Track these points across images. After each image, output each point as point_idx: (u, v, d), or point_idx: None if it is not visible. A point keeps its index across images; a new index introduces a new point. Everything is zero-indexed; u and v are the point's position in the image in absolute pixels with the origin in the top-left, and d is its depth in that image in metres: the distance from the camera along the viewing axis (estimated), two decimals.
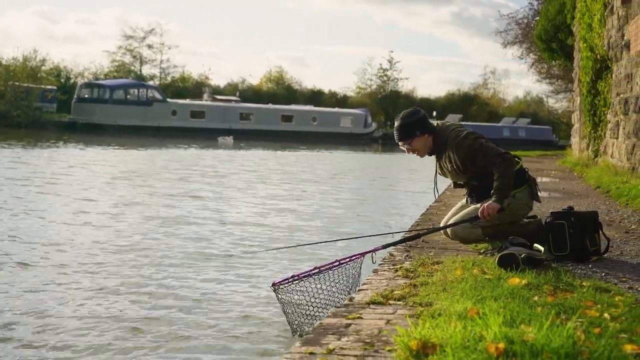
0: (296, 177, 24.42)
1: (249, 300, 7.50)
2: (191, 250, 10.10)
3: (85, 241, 10.47)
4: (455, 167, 6.35)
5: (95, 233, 11.21)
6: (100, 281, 8.11)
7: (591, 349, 2.92)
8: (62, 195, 15.85)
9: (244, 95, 75.80)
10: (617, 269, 5.27)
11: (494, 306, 3.69)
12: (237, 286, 8.11)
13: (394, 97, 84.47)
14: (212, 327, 6.52)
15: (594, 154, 18.52)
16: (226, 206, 15.39)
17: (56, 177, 19.57)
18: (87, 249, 9.88)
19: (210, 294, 7.75)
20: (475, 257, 5.53)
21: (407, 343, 3.04)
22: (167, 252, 9.85)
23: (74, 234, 11.07)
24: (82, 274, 8.42)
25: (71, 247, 10.05)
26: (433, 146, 6.49)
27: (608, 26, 15.57)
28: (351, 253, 5.79)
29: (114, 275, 8.42)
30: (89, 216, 12.87)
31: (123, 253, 9.67)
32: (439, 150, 6.47)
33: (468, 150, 6.24)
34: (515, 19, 42.37)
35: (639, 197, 9.52)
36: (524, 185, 6.32)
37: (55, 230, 11.35)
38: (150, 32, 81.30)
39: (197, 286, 8.08)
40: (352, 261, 5.51)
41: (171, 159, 30.51)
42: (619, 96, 14.09)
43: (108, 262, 9.08)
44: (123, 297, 7.51)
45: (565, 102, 55.48)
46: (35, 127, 55.83)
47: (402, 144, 6.51)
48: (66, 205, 14.22)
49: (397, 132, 6.51)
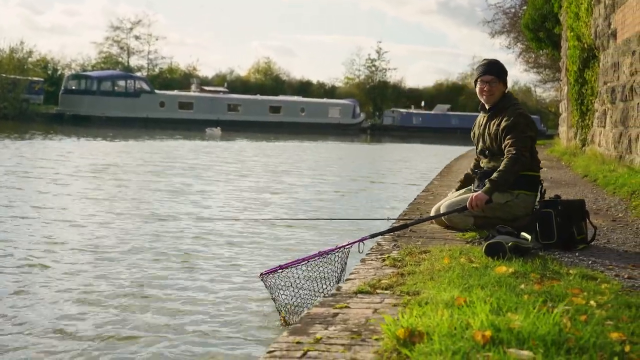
0: (278, 168, 24.35)
1: (234, 290, 7.49)
2: (169, 244, 9.95)
3: (38, 236, 10.19)
4: (497, 131, 6.37)
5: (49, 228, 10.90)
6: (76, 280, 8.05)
7: (577, 336, 2.93)
8: (25, 189, 15.25)
9: (232, 87, 75.73)
10: (604, 257, 5.29)
11: (481, 294, 3.69)
12: (220, 276, 8.08)
13: (382, 88, 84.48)
14: (197, 320, 6.49)
15: (582, 143, 18.57)
16: (206, 200, 15.22)
17: (26, 171, 19.06)
18: (44, 245, 9.62)
19: (194, 286, 7.71)
20: (462, 246, 5.53)
21: (394, 332, 3.05)
22: (139, 248, 9.63)
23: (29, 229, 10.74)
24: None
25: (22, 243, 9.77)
26: (497, 103, 6.53)
27: (595, 15, 15.59)
28: (341, 241, 5.80)
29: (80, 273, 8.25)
30: (49, 211, 12.39)
31: (86, 252, 9.35)
32: (498, 109, 6.50)
33: (515, 124, 6.27)
34: (502, 8, 42.41)
35: (625, 185, 9.55)
36: (532, 192, 6.32)
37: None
38: (137, 23, 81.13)
39: (179, 277, 8.05)
40: (339, 250, 5.52)
41: (152, 151, 30.12)
42: (606, 85, 14.13)
43: (72, 261, 8.83)
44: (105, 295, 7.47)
45: (553, 91, 55.73)
46: (23, 119, 55.67)
47: (487, 79, 6.49)
48: (26, 200, 13.67)
49: (489, 65, 6.58)
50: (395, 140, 59.30)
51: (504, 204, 6.24)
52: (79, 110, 58.30)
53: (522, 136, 6.25)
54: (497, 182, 6.12)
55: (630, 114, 11.70)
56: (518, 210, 6.27)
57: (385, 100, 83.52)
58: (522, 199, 6.27)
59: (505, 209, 6.25)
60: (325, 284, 5.41)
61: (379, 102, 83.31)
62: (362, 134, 68.80)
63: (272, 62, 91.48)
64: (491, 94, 6.52)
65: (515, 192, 6.26)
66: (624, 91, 12.27)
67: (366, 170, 25.63)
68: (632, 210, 7.94)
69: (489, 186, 6.12)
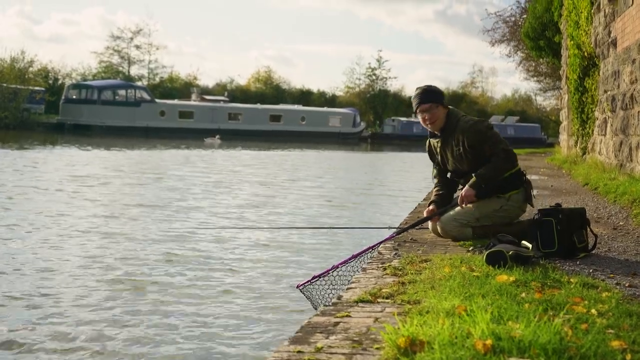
0: (278, 177, 24.32)
1: (235, 299, 7.49)
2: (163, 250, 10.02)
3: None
4: (461, 152, 6.33)
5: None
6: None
7: (578, 344, 2.93)
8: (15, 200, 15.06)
9: (232, 96, 75.74)
10: (605, 266, 5.28)
11: (482, 303, 3.69)
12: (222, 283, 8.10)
13: (383, 97, 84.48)
14: (197, 325, 6.50)
15: (582, 151, 18.57)
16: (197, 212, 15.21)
17: (18, 180, 18.88)
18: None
19: (193, 293, 7.73)
20: (463, 255, 5.53)
21: (395, 340, 3.04)
22: (132, 255, 9.72)
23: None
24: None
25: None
26: (444, 126, 6.46)
27: (595, 23, 15.62)
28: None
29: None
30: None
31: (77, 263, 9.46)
32: (448, 130, 6.43)
33: (479, 135, 6.26)
34: (502, 17, 42.51)
35: (626, 193, 9.54)
36: (520, 188, 6.35)
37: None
38: (138, 32, 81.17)
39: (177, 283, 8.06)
40: (371, 250, 5.66)
41: (144, 160, 29.84)
42: (606, 93, 14.14)
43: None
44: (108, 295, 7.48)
45: (554, 99, 55.79)
46: (24, 128, 55.71)
47: (424, 108, 6.42)
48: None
49: (423, 94, 6.46)
50: (395, 149, 59.29)
51: (499, 209, 6.26)
52: (79, 120, 58.33)
53: (493, 137, 6.32)
54: (484, 176, 6.16)
55: (631, 122, 11.70)
56: (514, 211, 6.33)
57: (386, 109, 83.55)
58: (514, 199, 6.31)
59: (501, 213, 6.27)
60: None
61: (380, 110, 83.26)
62: (362, 143, 68.78)
63: (272, 71, 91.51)
64: (434, 120, 6.46)
65: (506, 195, 6.29)
66: (624, 99, 12.28)
67: (365, 178, 25.63)
68: (633, 219, 7.94)
69: (475, 180, 6.17)
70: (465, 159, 6.35)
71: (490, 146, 6.26)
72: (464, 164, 6.40)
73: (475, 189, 6.14)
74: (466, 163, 6.37)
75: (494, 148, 6.25)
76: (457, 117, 6.46)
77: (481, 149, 6.27)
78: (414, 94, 6.60)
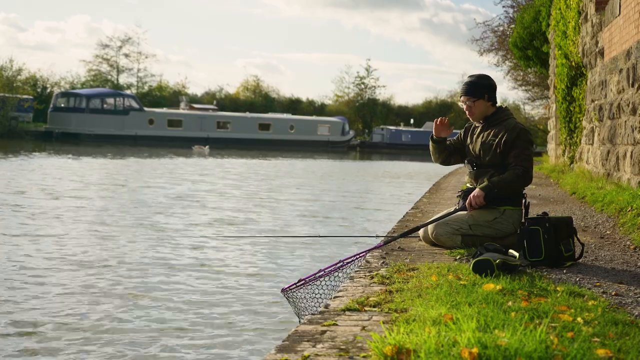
0: (264, 187, 24.31)
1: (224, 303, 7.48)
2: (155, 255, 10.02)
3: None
4: (493, 143, 6.34)
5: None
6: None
7: (564, 352, 2.94)
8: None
9: (221, 104, 75.75)
10: (592, 274, 5.30)
11: (468, 311, 3.70)
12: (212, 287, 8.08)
13: (372, 105, 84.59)
14: (182, 335, 6.49)
15: (570, 160, 18.63)
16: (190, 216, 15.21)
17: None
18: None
19: (184, 300, 7.71)
20: (450, 263, 5.54)
21: (382, 349, 3.04)
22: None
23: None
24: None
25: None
26: (489, 117, 6.51)
27: (582, 33, 15.70)
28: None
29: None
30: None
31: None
32: (493, 121, 6.49)
33: (518, 139, 6.28)
34: (490, 26, 42.63)
35: (613, 202, 9.58)
36: (517, 206, 6.35)
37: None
38: (127, 41, 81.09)
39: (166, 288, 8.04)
40: (356, 259, 5.60)
41: (129, 169, 29.75)
42: (594, 103, 14.20)
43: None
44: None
45: (542, 109, 55.87)
46: (12, 136, 55.54)
47: (466, 100, 6.49)
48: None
49: (467, 86, 6.51)
50: (384, 157, 59.39)
51: (492, 220, 6.25)
52: (68, 128, 58.23)
53: (526, 150, 6.31)
54: (496, 184, 6.16)
55: (618, 131, 11.76)
56: (506, 227, 6.28)
57: (375, 117, 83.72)
58: (509, 214, 6.29)
59: (494, 225, 6.27)
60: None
61: (369, 119, 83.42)
62: (351, 152, 68.88)
63: (261, 80, 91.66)
64: (472, 114, 6.54)
65: (501, 208, 6.28)
66: (611, 109, 12.34)
67: (354, 187, 25.64)
68: (619, 228, 7.96)
69: (487, 184, 6.16)
70: (492, 152, 6.34)
71: (516, 156, 6.24)
72: (487, 155, 6.38)
73: (486, 193, 6.13)
74: (490, 156, 6.36)
75: (517, 160, 6.23)
76: (509, 115, 6.52)
77: (508, 152, 6.28)
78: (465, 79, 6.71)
